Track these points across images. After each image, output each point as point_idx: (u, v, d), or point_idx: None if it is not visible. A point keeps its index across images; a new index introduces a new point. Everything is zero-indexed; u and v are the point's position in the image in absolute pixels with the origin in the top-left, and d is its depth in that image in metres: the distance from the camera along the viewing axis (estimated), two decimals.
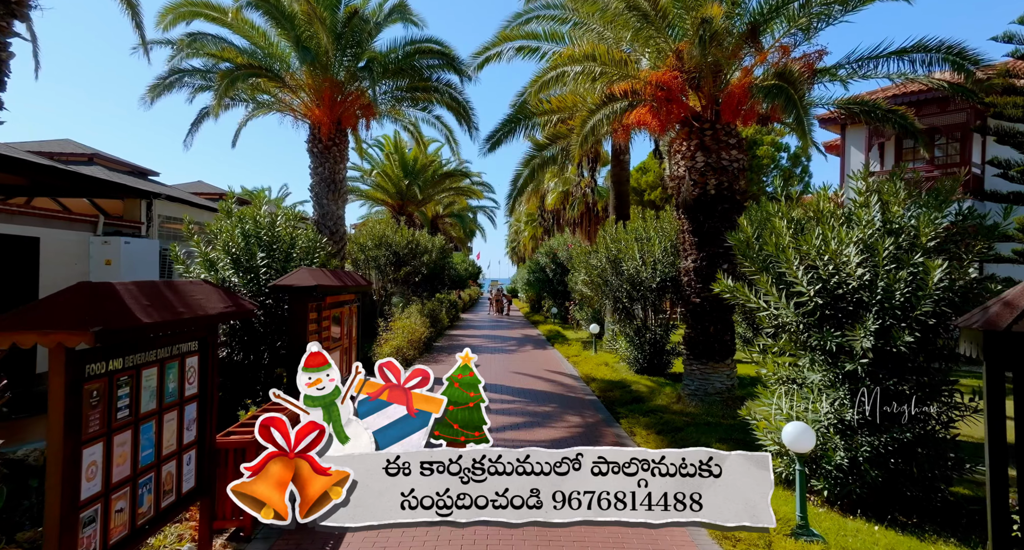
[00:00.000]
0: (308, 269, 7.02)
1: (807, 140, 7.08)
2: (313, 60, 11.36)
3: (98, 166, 11.79)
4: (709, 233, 9.78)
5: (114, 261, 9.12)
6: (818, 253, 5.71)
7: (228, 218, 8.28)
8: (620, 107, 8.68)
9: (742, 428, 8.52)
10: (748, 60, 9.57)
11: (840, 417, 5.48)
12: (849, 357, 5.48)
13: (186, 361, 4.11)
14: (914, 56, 7.73)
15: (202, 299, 4.04)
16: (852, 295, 5.56)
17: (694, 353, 10.01)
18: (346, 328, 8.82)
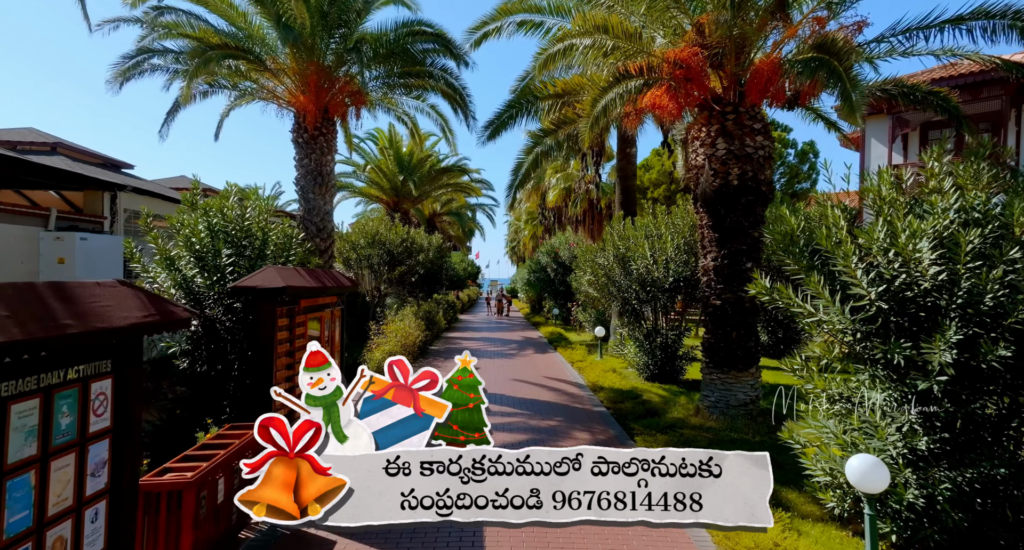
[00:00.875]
0: (277, 268, 6.07)
1: (856, 118, 6.15)
2: (295, 40, 10.38)
3: (61, 156, 10.83)
4: (731, 228, 8.83)
5: (68, 259, 8.17)
6: (880, 248, 4.77)
7: (192, 210, 7.33)
8: (635, 85, 7.73)
9: (774, 447, 7.58)
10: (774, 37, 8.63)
11: (911, 446, 4.54)
12: (922, 373, 4.53)
13: (91, 387, 3.15)
14: (972, 24, 6.78)
15: (109, 307, 3.08)
16: (924, 298, 4.61)
17: (714, 361, 9.06)
18: (327, 334, 7.87)
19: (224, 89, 12.98)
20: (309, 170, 12.40)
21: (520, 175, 11.83)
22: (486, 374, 13.47)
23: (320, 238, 12.59)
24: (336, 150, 12.98)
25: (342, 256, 18.00)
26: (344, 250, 17.95)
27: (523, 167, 11.70)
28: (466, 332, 24.66)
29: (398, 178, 26.09)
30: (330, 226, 12.86)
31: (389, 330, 14.40)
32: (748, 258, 8.82)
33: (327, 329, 7.89)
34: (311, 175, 12.40)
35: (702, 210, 9.16)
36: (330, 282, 7.43)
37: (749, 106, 8.62)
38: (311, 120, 12.14)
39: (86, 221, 9.29)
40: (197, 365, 7.04)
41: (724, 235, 8.89)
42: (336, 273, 8.17)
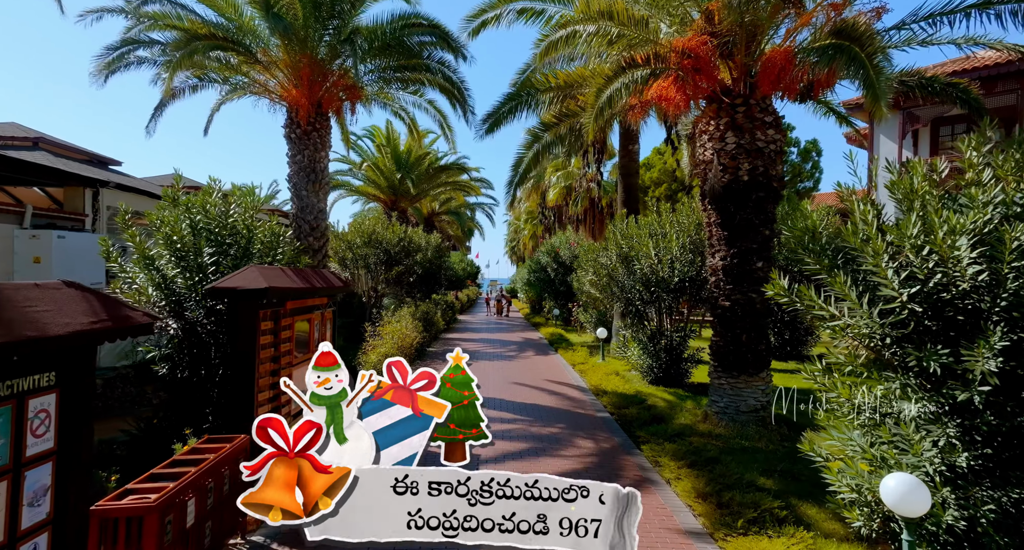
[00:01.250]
0: (260, 267, 5.66)
1: (880, 107, 5.74)
2: (286, 29, 9.96)
3: (43, 151, 10.41)
4: (741, 226, 8.43)
5: (45, 258, 7.76)
6: (913, 246, 4.37)
7: (174, 207, 6.93)
8: (641, 75, 7.33)
9: (788, 456, 7.19)
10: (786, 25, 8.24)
11: (949, 462, 4.14)
12: (961, 382, 4.13)
13: (29, 403, 2.75)
14: (1001, 8, 6.38)
15: (47, 312, 2.68)
16: (962, 301, 4.21)
17: (723, 365, 8.66)
18: (318, 337, 7.46)
19: (214, 83, 12.57)
20: (302, 166, 12.00)
21: (520, 171, 11.40)
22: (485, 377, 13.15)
23: (313, 237, 12.20)
24: (330, 146, 12.59)
25: (338, 256, 17.59)
26: (340, 249, 17.54)
27: (524, 162, 11.27)
28: (465, 333, 24.25)
29: (396, 176, 25.66)
30: (324, 224, 12.45)
31: (385, 332, 14.00)
32: (759, 257, 8.43)
33: (317, 332, 7.49)
34: (304, 171, 12.00)
35: (710, 207, 8.76)
36: (319, 283, 7.03)
37: (760, 98, 8.23)
38: (304, 115, 11.74)
39: (65, 218, 8.88)
40: (178, 371, 6.63)
41: (733, 233, 8.49)
42: (327, 273, 7.76)
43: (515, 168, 11.56)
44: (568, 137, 10.58)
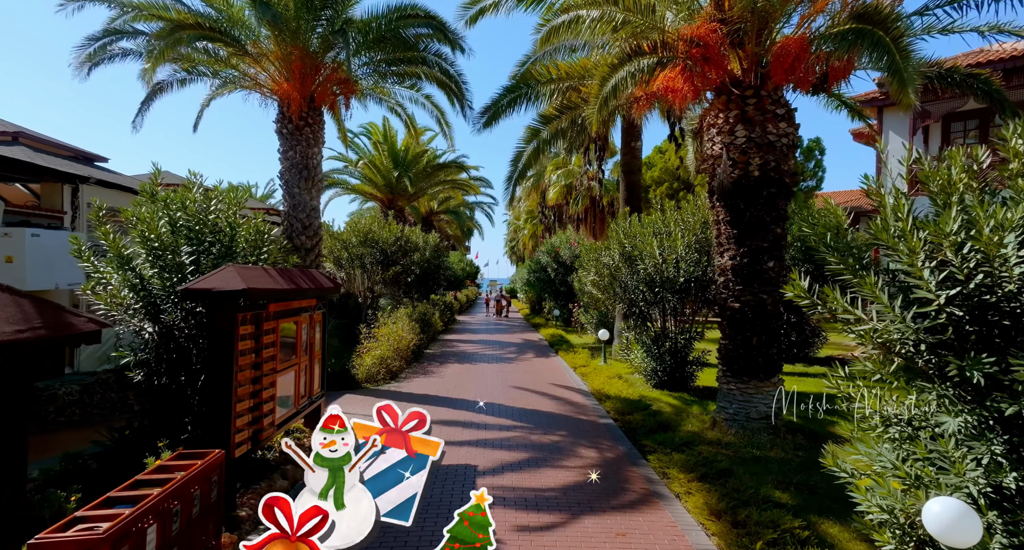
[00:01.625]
0: (239, 267, 5.25)
1: (908, 93, 5.34)
2: (275, 19, 9.56)
3: (23, 146, 10.00)
4: (751, 224, 8.04)
5: (17, 257, 7.36)
6: (952, 244, 3.96)
7: (151, 203, 6.52)
8: (647, 64, 6.93)
9: (803, 467, 6.78)
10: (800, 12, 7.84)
11: (995, 483, 3.74)
12: (1009, 394, 3.73)
13: None
14: None
15: None
16: (1008, 303, 3.81)
17: (732, 369, 8.26)
18: (305, 341, 7.06)
19: (203, 77, 12.18)
20: (294, 163, 11.60)
21: (520, 166, 10.99)
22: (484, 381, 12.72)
23: (306, 236, 11.80)
24: (324, 142, 12.18)
25: (333, 255, 17.19)
26: (335, 249, 17.14)
27: (524, 156, 10.86)
28: (463, 334, 23.86)
29: (393, 174, 25.24)
30: (317, 223, 12.05)
31: (380, 333, 13.60)
32: (770, 256, 8.03)
33: (305, 335, 7.08)
34: (296, 168, 11.60)
35: (718, 204, 8.36)
36: (307, 283, 6.62)
37: (771, 89, 7.83)
38: (296, 109, 11.34)
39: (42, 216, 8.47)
40: (154, 378, 6.22)
41: (743, 231, 8.09)
42: (315, 273, 7.36)
43: (514, 163, 11.15)
44: (569, 131, 10.17)
